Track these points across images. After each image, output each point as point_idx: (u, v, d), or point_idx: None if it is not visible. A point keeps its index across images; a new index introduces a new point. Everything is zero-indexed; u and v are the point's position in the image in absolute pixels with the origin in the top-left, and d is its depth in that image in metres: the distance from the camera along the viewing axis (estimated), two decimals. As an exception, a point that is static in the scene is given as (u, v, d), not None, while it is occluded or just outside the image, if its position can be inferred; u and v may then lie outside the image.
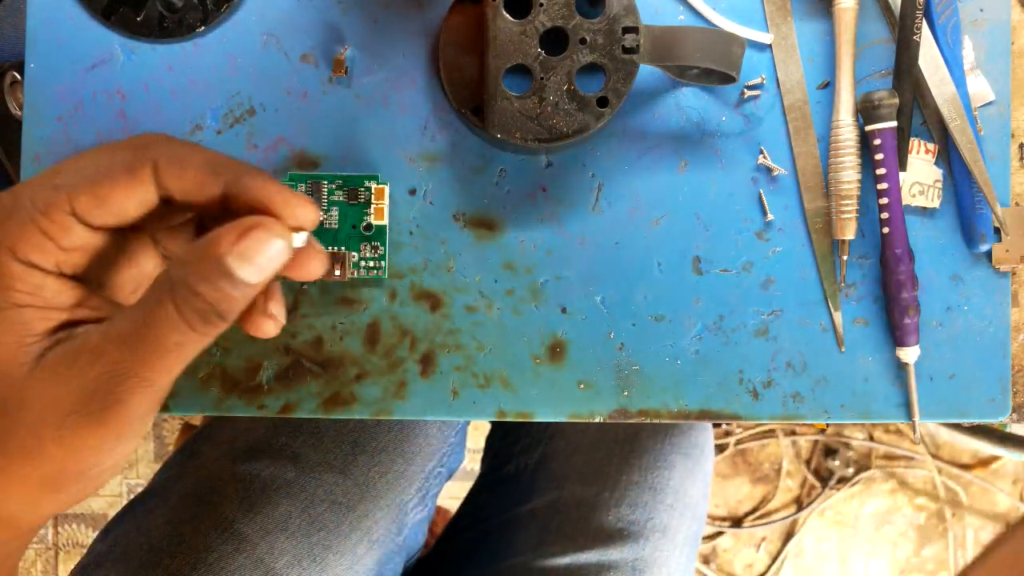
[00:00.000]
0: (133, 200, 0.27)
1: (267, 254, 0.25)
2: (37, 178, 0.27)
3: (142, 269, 0.31)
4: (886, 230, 0.39)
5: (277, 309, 0.29)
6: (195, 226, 0.32)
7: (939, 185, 0.40)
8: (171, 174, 0.27)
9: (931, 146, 0.40)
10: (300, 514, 0.49)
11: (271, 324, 0.29)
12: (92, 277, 0.29)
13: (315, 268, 0.29)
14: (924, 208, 0.41)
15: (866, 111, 0.39)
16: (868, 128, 0.39)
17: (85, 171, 0.26)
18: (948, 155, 0.40)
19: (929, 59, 0.39)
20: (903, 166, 0.40)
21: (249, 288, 0.25)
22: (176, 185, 0.27)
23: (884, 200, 0.39)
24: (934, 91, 0.39)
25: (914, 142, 0.40)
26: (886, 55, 0.40)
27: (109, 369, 0.25)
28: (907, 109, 0.39)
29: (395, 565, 0.54)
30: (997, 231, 0.40)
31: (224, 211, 0.28)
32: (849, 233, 0.39)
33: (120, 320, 0.25)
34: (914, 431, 0.41)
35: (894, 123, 0.39)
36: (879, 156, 0.39)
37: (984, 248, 0.40)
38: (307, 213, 0.28)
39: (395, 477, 0.52)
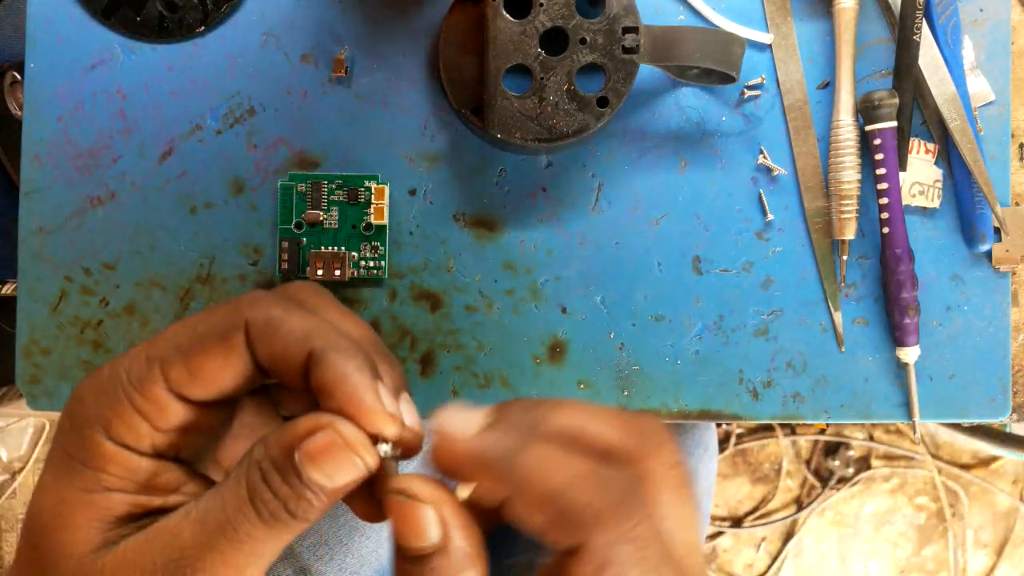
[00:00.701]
0: (228, 371, 0.24)
1: (337, 465, 0.22)
2: (135, 349, 0.24)
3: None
4: (886, 230, 0.39)
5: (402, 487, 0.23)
6: None
7: (939, 185, 0.40)
8: (264, 342, 0.24)
9: (931, 146, 0.40)
10: None
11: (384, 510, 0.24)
12: (199, 456, 0.27)
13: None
14: (924, 208, 0.41)
15: (866, 111, 0.39)
16: (868, 128, 0.39)
17: (179, 339, 0.24)
18: (948, 155, 0.40)
19: (929, 59, 0.39)
20: (903, 166, 0.40)
21: (324, 492, 0.22)
22: (267, 355, 0.24)
23: (884, 200, 0.39)
24: (934, 91, 0.39)
25: (914, 142, 0.40)
26: (886, 55, 0.40)
27: (176, 555, 0.22)
28: (907, 109, 0.39)
29: None
30: (997, 231, 0.40)
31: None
32: (849, 233, 0.39)
33: (202, 500, 0.23)
34: (914, 431, 0.41)
35: (894, 123, 0.39)
36: (879, 156, 0.39)
37: (984, 248, 0.40)
38: (390, 430, 0.23)
39: (422, 460, 0.53)
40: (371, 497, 0.24)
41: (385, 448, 0.23)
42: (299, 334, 0.23)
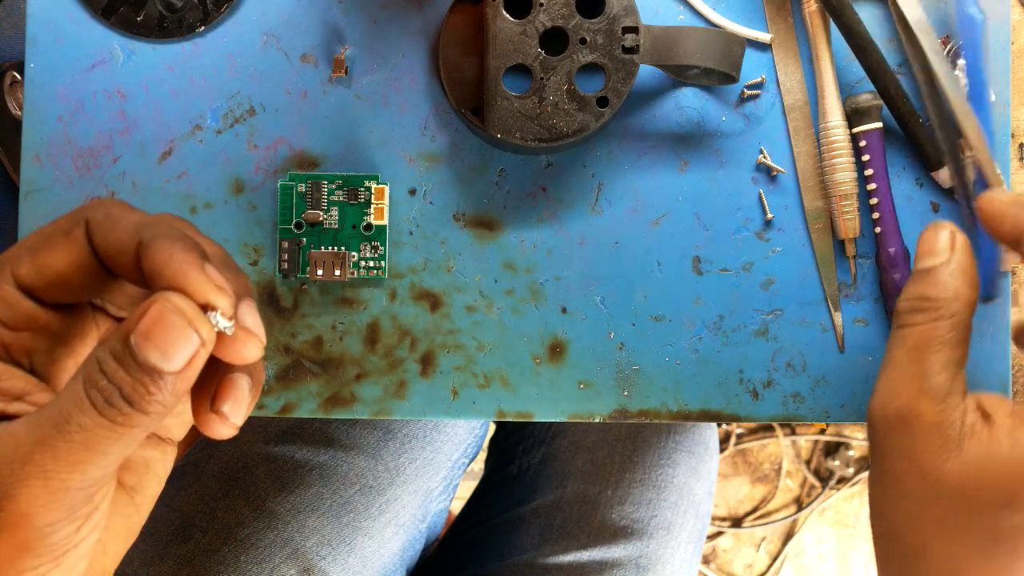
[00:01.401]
0: (68, 261, 0.25)
1: (170, 339, 0.21)
2: None
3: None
4: (878, 229, 0.39)
5: (232, 407, 0.24)
6: None
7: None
8: (101, 233, 0.24)
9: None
10: (331, 496, 0.49)
11: (220, 425, 0.24)
12: (45, 368, 0.26)
13: (246, 352, 0.24)
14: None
15: (851, 114, 0.39)
16: (854, 131, 0.39)
17: (27, 242, 0.25)
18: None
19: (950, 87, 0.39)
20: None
21: (168, 377, 0.22)
22: (103, 245, 0.25)
23: (874, 200, 0.39)
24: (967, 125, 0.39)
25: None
26: (887, 55, 0.40)
27: (9, 452, 0.21)
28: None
29: (415, 551, 0.55)
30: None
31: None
32: (852, 232, 0.39)
33: (46, 408, 0.22)
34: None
35: (879, 124, 0.39)
36: (866, 157, 0.39)
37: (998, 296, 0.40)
38: (218, 297, 0.23)
39: (423, 464, 0.53)
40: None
41: (217, 317, 0.23)
42: (132, 225, 0.24)
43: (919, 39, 0.38)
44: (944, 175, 0.39)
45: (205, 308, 0.22)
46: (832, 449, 1.21)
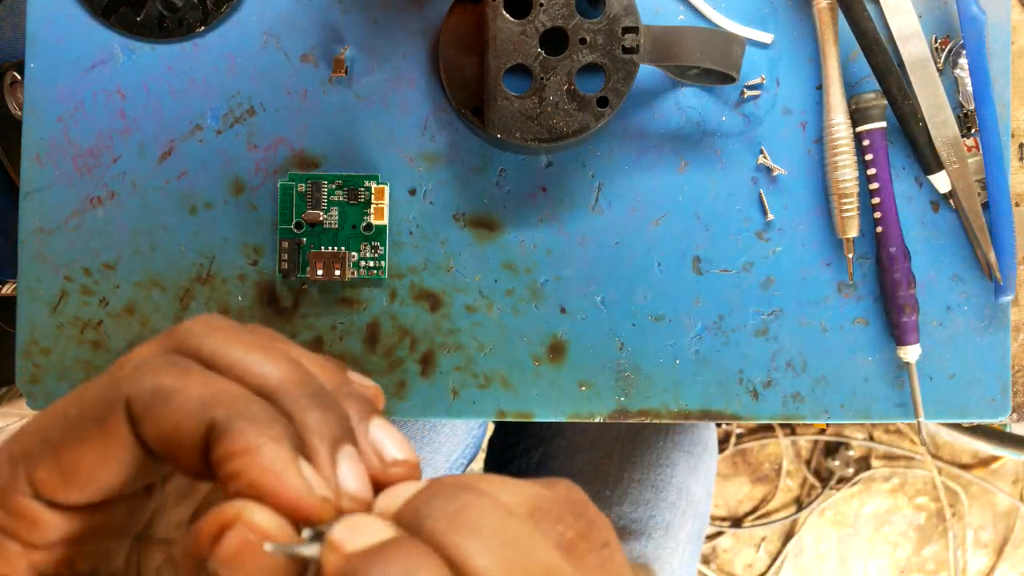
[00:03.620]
0: (109, 465, 0.18)
1: (256, 561, 0.17)
2: None
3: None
4: (880, 229, 0.39)
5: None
6: None
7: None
8: (151, 420, 0.18)
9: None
10: None
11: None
12: (97, 570, 0.21)
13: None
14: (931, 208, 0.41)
15: (855, 112, 0.39)
16: (858, 129, 0.39)
17: (46, 430, 0.18)
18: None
19: (930, 102, 0.39)
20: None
21: None
22: (155, 438, 0.18)
23: (876, 200, 0.39)
24: (934, 132, 0.39)
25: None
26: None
27: None
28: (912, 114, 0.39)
29: None
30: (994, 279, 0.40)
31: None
32: (852, 231, 0.39)
33: None
34: (919, 431, 0.41)
35: (883, 123, 0.39)
36: (869, 156, 0.39)
37: (1005, 298, 0.40)
38: (315, 508, 0.17)
39: (422, 464, 0.53)
40: None
41: (309, 532, 0.17)
42: (194, 404, 0.18)
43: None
44: (940, 179, 0.39)
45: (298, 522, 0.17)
46: (832, 449, 1.21)
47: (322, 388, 0.20)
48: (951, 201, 0.40)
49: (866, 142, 0.39)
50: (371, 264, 0.39)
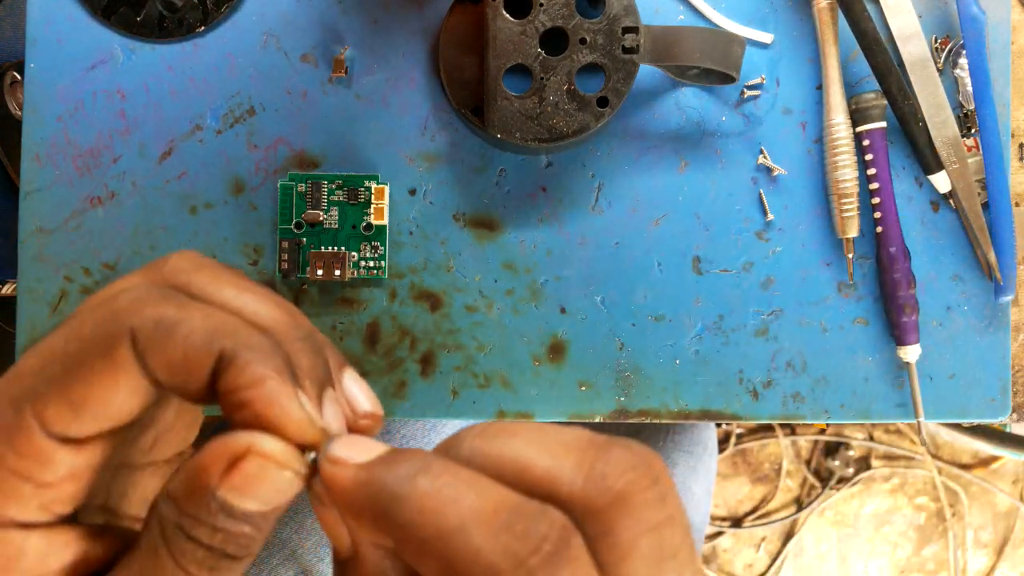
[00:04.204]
0: (118, 394, 0.19)
1: (268, 487, 0.18)
2: None
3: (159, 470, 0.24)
4: (880, 229, 0.39)
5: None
6: None
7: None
8: (157, 351, 0.18)
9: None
10: None
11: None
12: (96, 502, 0.22)
13: (374, 432, 0.21)
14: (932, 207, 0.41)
15: (855, 112, 0.39)
16: (858, 129, 0.39)
17: (46, 369, 0.19)
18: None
19: (930, 102, 0.39)
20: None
21: (262, 518, 0.18)
22: (162, 368, 0.19)
23: (876, 200, 0.39)
24: (934, 132, 0.39)
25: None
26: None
27: None
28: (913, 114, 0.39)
29: None
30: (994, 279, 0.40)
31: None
32: (852, 231, 0.39)
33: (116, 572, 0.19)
34: (919, 431, 0.41)
35: (883, 123, 0.39)
36: (869, 156, 0.39)
37: (1005, 298, 0.40)
38: (318, 439, 0.19)
39: None
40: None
41: (313, 455, 0.19)
42: (202, 335, 0.18)
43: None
44: (940, 179, 0.39)
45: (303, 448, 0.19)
46: (832, 449, 1.21)
47: (311, 332, 0.21)
48: (951, 201, 0.40)
49: (866, 142, 0.39)
50: (371, 264, 0.39)
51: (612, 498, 0.16)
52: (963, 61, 0.40)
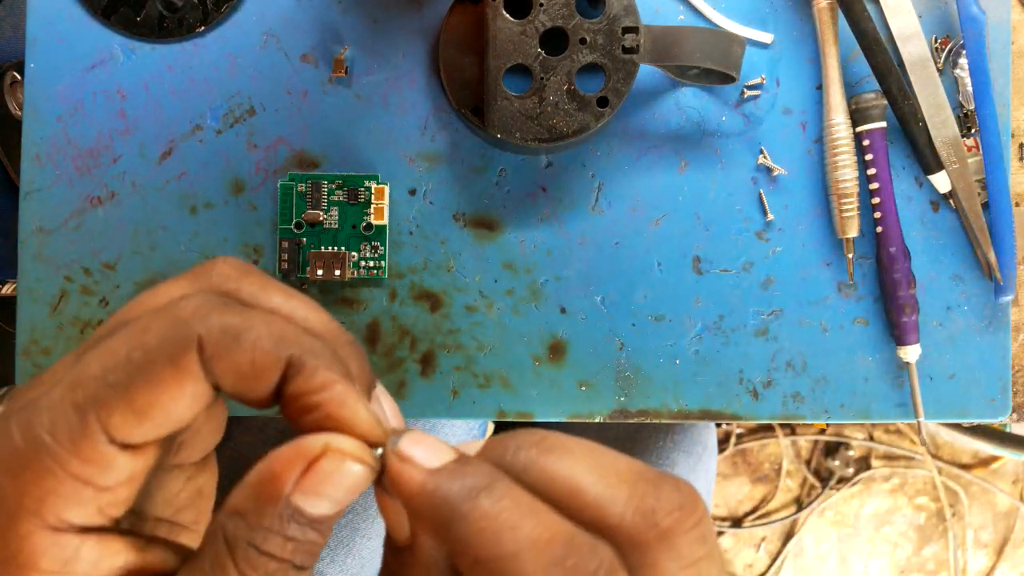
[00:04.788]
0: (183, 401, 0.19)
1: (345, 484, 0.19)
2: (51, 395, 0.19)
3: (205, 483, 0.25)
4: (880, 229, 0.39)
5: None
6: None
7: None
8: (226, 358, 0.19)
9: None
10: None
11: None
12: (146, 510, 0.23)
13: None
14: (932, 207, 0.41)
15: (855, 112, 0.39)
16: (858, 129, 0.39)
17: (110, 374, 0.19)
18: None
19: (930, 102, 0.39)
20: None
21: (328, 522, 0.19)
22: (231, 376, 0.19)
23: (876, 200, 0.39)
24: (934, 132, 0.39)
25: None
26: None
27: None
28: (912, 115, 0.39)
29: None
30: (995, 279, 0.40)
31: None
32: (852, 231, 0.39)
33: None
34: (919, 431, 0.41)
35: (883, 123, 0.39)
36: (869, 156, 0.39)
37: (1005, 298, 0.40)
38: (374, 430, 0.20)
39: None
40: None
41: (380, 451, 0.20)
42: (268, 342, 0.19)
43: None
44: (940, 179, 0.39)
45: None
46: (832, 449, 1.21)
47: (354, 339, 0.22)
48: (951, 201, 0.40)
49: (866, 142, 0.39)
50: (371, 264, 0.39)
51: (659, 534, 0.17)
52: (963, 61, 0.40)
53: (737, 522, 1.21)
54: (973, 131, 0.40)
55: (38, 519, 0.18)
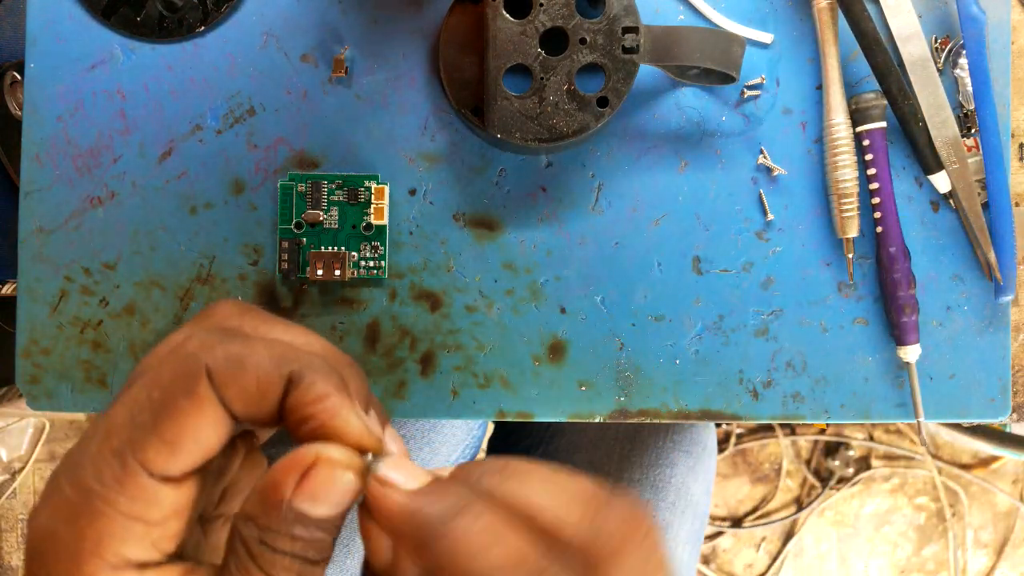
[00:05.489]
0: (206, 426, 0.21)
1: (337, 489, 0.20)
2: (89, 450, 0.21)
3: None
4: (880, 229, 0.39)
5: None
6: None
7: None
8: (233, 384, 0.21)
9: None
10: None
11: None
12: (197, 558, 0.24)
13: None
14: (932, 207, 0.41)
15: (855, 113, 0.39)
16: (858, 129, 0.39)
17: (135, 418, 0.21)
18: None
19: (930, 102, 0.39)
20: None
21: (332, 521, 0.21)
22: (240, 400, 0.21)
23: (876, 200, 0.39)
24: (934, 132, 0.39)
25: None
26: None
27: None
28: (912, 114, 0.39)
29: None
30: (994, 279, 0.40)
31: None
32: (852, 231, 0.39)
33: None
34: (919, 431, 0.41)
35: (883, 123, 0.39)
36: (869, 156, 0.39)
37: (1005, 298, 0.40)
38: (376, 446, 0.21)
39: (421, 464, 0.53)
40: None
41: (370, 457, 0.22)
42: (269, 362, 0.21)
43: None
44: (940, 179, 0.39)
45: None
46: (832, 449, 1.21)
47: (353, 361, 0.25)
48: (951, 201, 0.40)
49: (866, 142, 0.39)
50: (371, 264, 0.39)
51: (611, 549, 0.19)
52: (963, 61, 0.40)
53: (737, 522, 1.21)
54: (973, 131, 0.40)
55: (99, 559, 0.20)
